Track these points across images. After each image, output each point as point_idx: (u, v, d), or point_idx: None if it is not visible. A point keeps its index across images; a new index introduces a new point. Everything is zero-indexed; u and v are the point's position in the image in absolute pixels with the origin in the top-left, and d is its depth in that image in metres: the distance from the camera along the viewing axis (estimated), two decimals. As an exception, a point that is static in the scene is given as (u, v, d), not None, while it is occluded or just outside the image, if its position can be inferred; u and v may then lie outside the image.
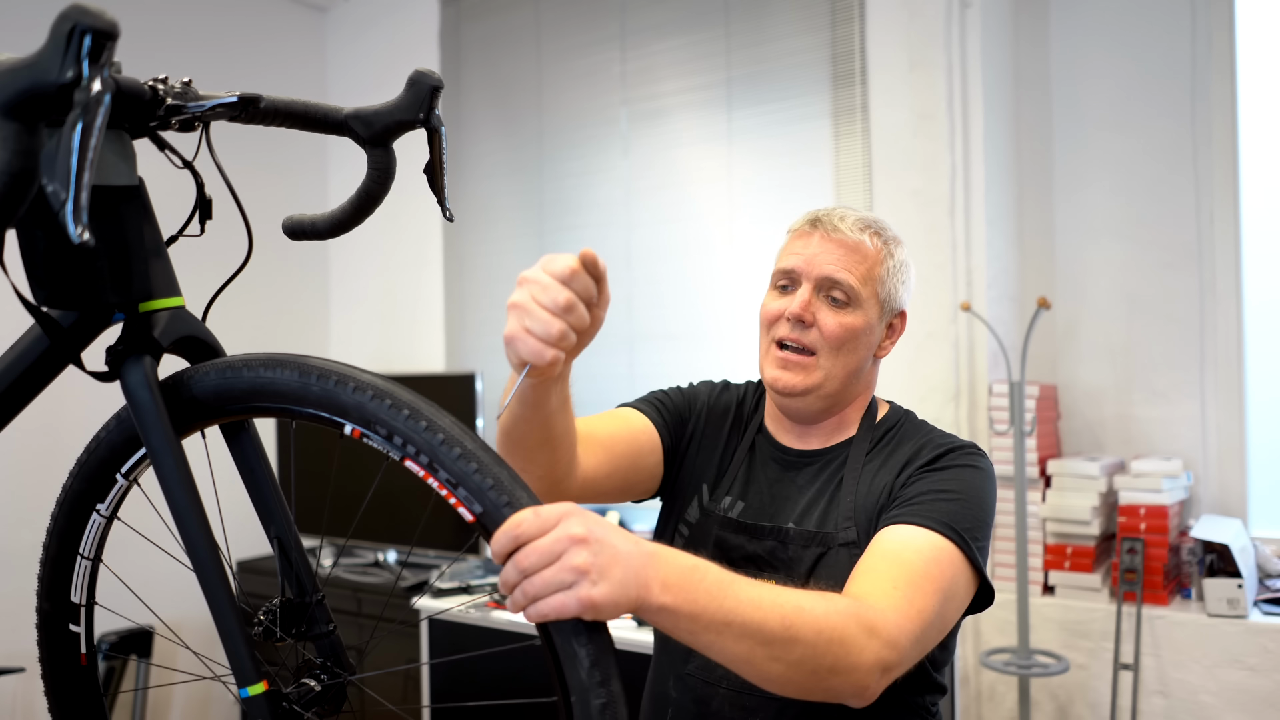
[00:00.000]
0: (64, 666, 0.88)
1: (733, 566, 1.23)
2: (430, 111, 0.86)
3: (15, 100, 0.58)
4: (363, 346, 3.89)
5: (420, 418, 0.72)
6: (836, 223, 1.27)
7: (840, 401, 1.29)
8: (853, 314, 1.24)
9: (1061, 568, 2.49)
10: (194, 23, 3.54)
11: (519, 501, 0.72)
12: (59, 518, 0.86)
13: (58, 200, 0.57)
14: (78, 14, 0.57)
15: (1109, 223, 2.73)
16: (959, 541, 1.10)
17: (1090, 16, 2.74)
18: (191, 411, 0.79)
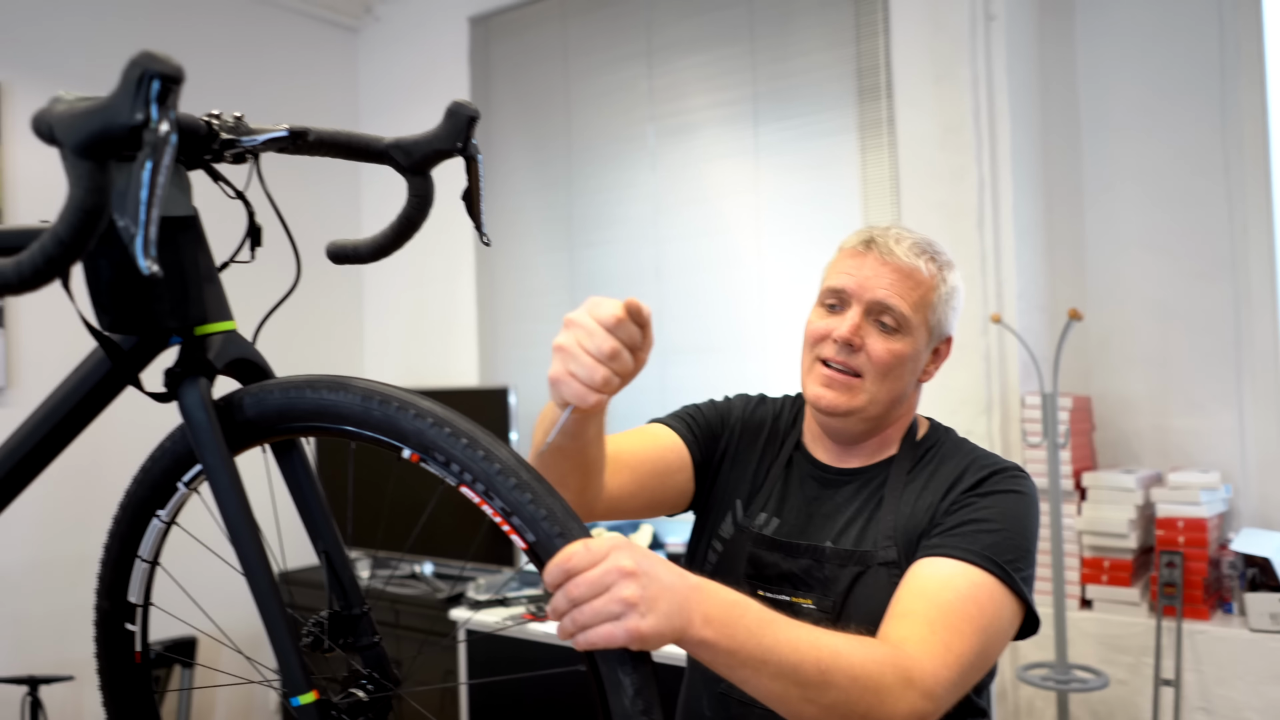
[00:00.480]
0: (119, 663, 0.92)
1: (768, 584, 1.24)
2: (468, 140, 0.89)
3: (89, 141, 0.62)
4: (396, 361, 3.94)
5: (478, 446, 0.75)
6: (892, 245, 1.24)
7: (882, 424, 1.28)
8: (902, 340, 1.23)
9: (1099, 581, 2.47)
10: (231, 44, 3.63)
11: (571, 532, 0.74)
12: (121, 521, 0.90)
13: (128, 234, 0.61)
14: (147, 60, 0.60)
15: (1140, 232, 2.72)
16: (1000, 574, 1.09)
17: (1116, 25, 2.73)
18: (252, 429, 0.83)
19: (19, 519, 2.90)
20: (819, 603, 1.20)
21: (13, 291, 0.64)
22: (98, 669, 0.92)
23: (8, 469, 0.84)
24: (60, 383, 0.85)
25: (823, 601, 1.20)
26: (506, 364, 3.62)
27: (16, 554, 2.97)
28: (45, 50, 3.11)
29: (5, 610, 2.96)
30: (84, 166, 0.63)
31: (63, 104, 0.67)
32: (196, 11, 3.54)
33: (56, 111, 0.65)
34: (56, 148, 0.65)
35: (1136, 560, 2.46)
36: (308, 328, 3.78)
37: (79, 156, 0.63)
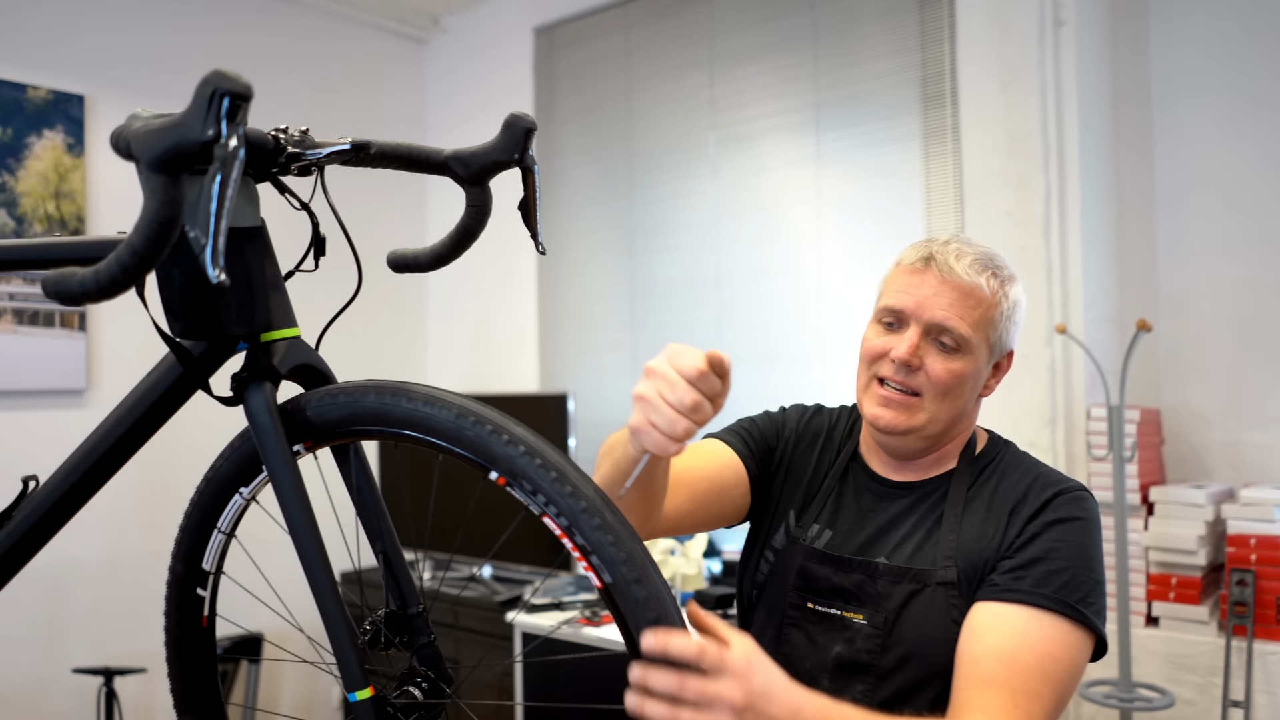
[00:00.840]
0: (187, 625, 0.95)
1: (818, 598, 1.24)
2: (525, 152, 0.91)
3: (163, 156, 0.65)
4: (459, 366, 4.01)
5: (566, 482, 0.76)
6: (952, 262, 1.21)
7: (941, 441, 1.27)
8: (961, 360, 1.21)
9: (1166, 598, 2.41)
10: (303, 57, 3.73)
11: (649, 578, 0.76)
12: (205, 493, 0.92)
13: (199, 245, 0.64)
14: (218, 79, 0.64)
15: (1214, 241, 2.64)
16: (1074, 615, 1.09)
17: (1192, 29, 2.67)
18: (330, 430, 0.85)
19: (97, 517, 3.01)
20: (870, 618, 1.20)
21: (91, 299, 0.68)
22: (165, 628, 0.96)
23: (86, 468, 0.88)
24: (134, 387, 0.89)
25: (874, 617, 1.19)
26: (567, 370, 3.66)
27: (95, 550, 3.09)
28: (126, 65, 3.24)
29: (83, 604, 3.08)
30: (158, 180, 0.66)
31: (139, 121, 0.71)
32: (270, 26, 3.65)
33: (133, 129, 0.69)
34: (133, 163, 0.68)
35: (1206, 578, 2.39)
36: (374, 333, 3.87)
37: (154, 171, 0.66)
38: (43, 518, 0.89)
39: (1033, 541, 1.15)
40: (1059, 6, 2.57)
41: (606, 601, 0.77)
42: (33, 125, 2.99)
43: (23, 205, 2.97)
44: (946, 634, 1.15)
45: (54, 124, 3.03)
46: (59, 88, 3.06)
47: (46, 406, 3.00)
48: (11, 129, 2.95)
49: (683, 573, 2.77)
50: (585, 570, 0.77)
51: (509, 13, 3.86)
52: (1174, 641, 2.38)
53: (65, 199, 3.06)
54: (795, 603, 1.26)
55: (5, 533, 0.90)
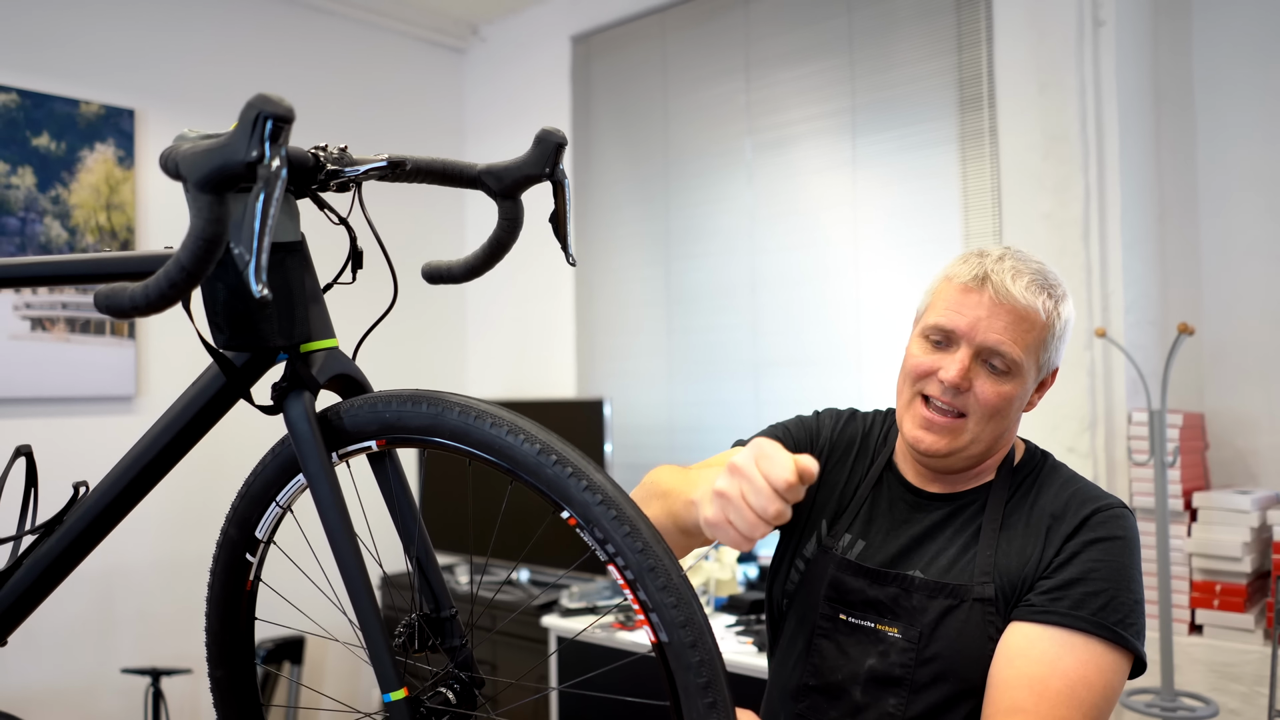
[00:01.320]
0: (232, 586, 0.98)
1: (851, 609, 1.23)
2: (555, 166, 0.92)
3: (210, 176, 0.68)
4: (498, 372, 4.05)
5: (638, 538, 0.77)
6: (1009, 283, 1.17)
7: (982, 459, 1.24)
8: (1011, 382, 1.18)
9: (1210, 606, 2.37)
10: (346, 68, 3.80)
11: (704, 643, 0.76)
12: (270, 465, 0.94)
13: (243, 261, 0.67)
14: (261, 103, 0.66)
15: (1259, 243, 2.60)
16: (1112, 637, 1.08)
17: (1236, 29, 2.63)
18: (407, 436, 0.87)
19: (146, 520, 3.09)
20: (905, 632, 1.18)
21: (140, 313, 0.71)
22: (209, 585, 0.98)
23: (133, 475, 0.92)
24: (179, 396, 0.92)
25: (909, 631, 1.18)
26: (604, 376, 3.68)
27: (144, 553, 3.17)
28: (174, 79, 3.32)
29: (132, 606, 3.16)
30: (205, 199, 0.69)
31: (186, 142, 0.74)
32: (314, 39, 3.72)
33: (181, 150, 0.72)
34: (180, 182, 0.72)
35: (1251, 585, 2.35)
36: (416, 340, 3.93)
37: (200, 190, 0.69)
38: (92, 522, 0.93)
39: (1071, 561, 1.13)
40: (1098, 7, 2.55)
41: (659, 656, 0.78)
42: (85, 139, 3.08)
43: (75, 217, 3.06)
44: (983, 651, 1.14)
45: (105, 137, 3.12)
46: (110, 102, 3.14)
47: (97, 413, 3.08)
48: (65, 143, 3.04)
49: (716, 578, 2.77)
50: (641, 624, 0.79)
51: (546, 21, 3.90)
52: (1218, 650, 2.34)
53: (116, 210, 3.14)
54: (827, 614, 1.25)
55: (56, 536, 0.93)
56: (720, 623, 2.64)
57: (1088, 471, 2.50)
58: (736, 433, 3.13)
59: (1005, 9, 2.68)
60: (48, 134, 3.01)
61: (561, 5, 3.84)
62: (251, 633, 1.01)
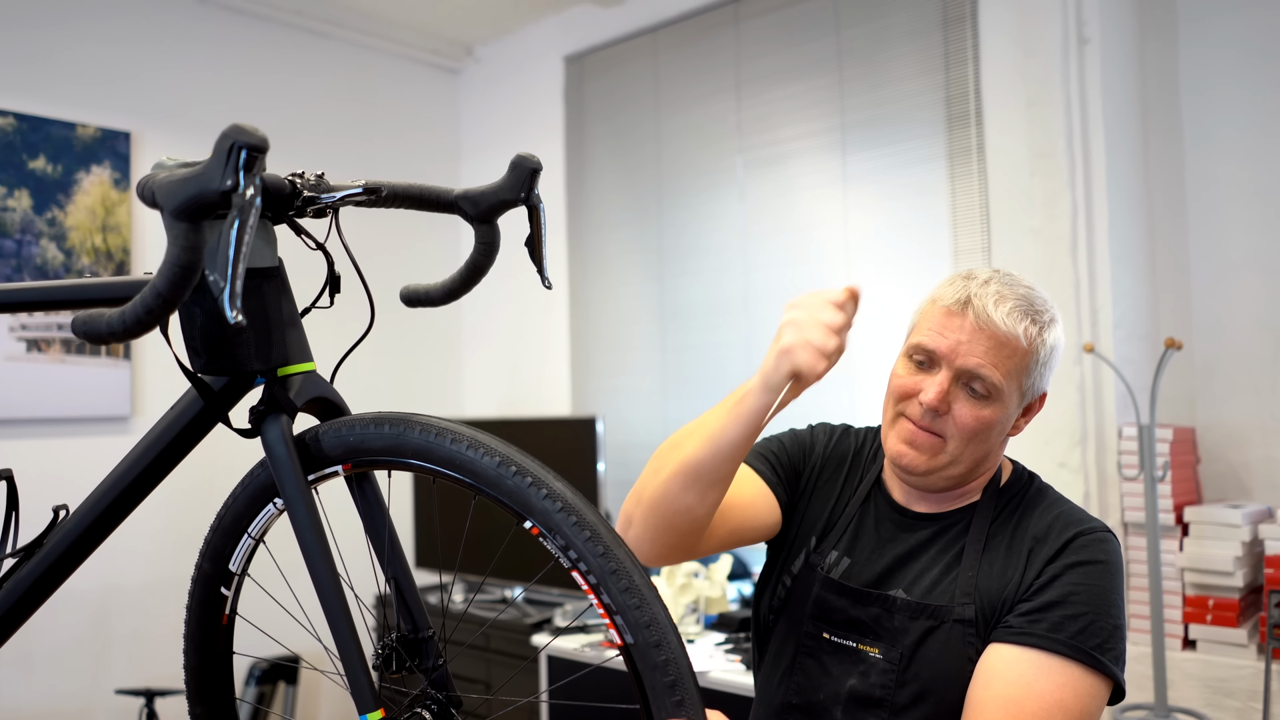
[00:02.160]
0: (208, 621, 0.98)
1: (834, 629, 1.24)
2: (531, 191, 0.94)
3: (185, 205, 0.69)
4: (493, 390, 4.06)
5: (599, 543, 0.79)
6: (990, 309, 1.17)
7: (965, 480, 1.25)
8: (991, 407, 1.18)
9: (1203, 621, 2.37)
10: (341, 89, 3.83)
11: (668, 643, 0.77)
12: (239, 497, 0.95)
13: (217, 288, 0.68)
14: (236, 133, 0.68)
15: (1249, 256, 2.61)
16: (1089, 661, 1.08)
17: (1221, 44, 2.65)
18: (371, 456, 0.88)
19: (140, 540, 3.10)
20: (886, 653, 1.19)
21: (118, 339, 0.72)
22: (185, 621, 0.99)
23: (112, 499, 0.93)
24: (158, 421, 0.93)
25: (890, 652, 1.19)
26: (598, 393, 3.69)
27: (139, 573, 3.17)
28: (170, 102, 3.35)
29: (127, 626, 3.16)
30: (180, 227, 0.70)
31: (164, 171, 0.75)
32: (309, 60, 3.75)
33: (158, 179, 0.73)
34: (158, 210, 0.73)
35: (1244, 599, 2.35)
36: (412, 359, 3.94)
37: (176, 218, 0.70)
38: (71, 545, 0.94)
39: (1051, 584, 1.13)
40: (1083, 24, 2.57)
41: (626, 660, 0.79)
42: (81, 161, 3.10)
43: (71, 238, 3.08)
44: (962, 671, 1.15)
45: (101, 160, 3.14)
46: (106, 125, 3.17)
47: (92, 433, 3.09)
48: (61, 165, 3.06)
49: (707, 595, 2.77)
50: (608, 628, 0.80)
51: (540, 42, 3.93)
52: (1212, 665, 2.34)
53: (112, 232, 3.16)
54: (811, 632, 1.26)
55: (35, 560, 0.94)
56: (709, 640, 2.64)
57: (1079, 487, 2.50)
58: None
59: (991, 27, 2.71)
60: (44, 157, 3.03)
61: (554, 26, 3.88)
62: (230, 668, 1.02)
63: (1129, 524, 2.47)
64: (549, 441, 3.25)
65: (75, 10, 3.15)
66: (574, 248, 3.79)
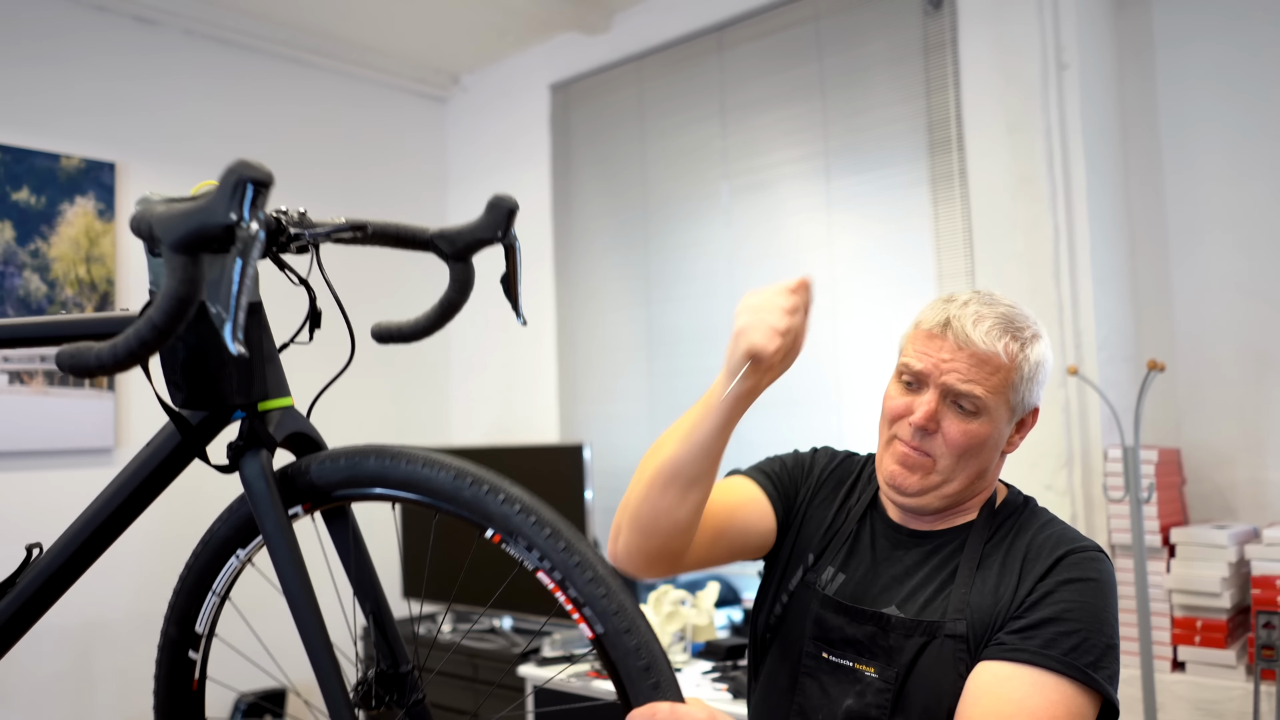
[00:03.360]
0: (177, 688, 0.97)
1: (832, 647, 1.24)
2: (507, 230, 0.95)
3: (186, 238, 0.69)
4: (482, 419, 4.05)
5: (560, 538, 0.79)
6: (969, 329, 1.19)
7: (961, 500, 1.26)
8: (979, 422, 1.20)
9: (1191, 643, 2.37)
10: (329, 119, 3.84)
11: (638, 629, 0.78)
12: (201, 555, 0.95)
13: (220, 320, 0.68)
14: (243, 168, 0.68)
15: (1231, 277, 2.63)
16: (1082, 679, 1.08)
17: (1199, 68, 2.68)
18: (331, 491, 0.88)
19: (123, 574, 3.07)
20: (882, 672, 1.19)
21: (108, 371, 0.72)
22: (154, 692, 0.98)
23: (86, 536, 0.92)
24: (134, 456, 0.92)
25: (886, 671, 1.19)
26: (586, 419, 3.68)
27: (123, 608, 3.13)
28: (155, 133, 3.35)
29: (110, 662, 3.12)
30: (179, 260, 0.70)
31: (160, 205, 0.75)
32: (295, 90, 3.76)
33: (156, 213, 0.73)
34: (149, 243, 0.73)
35: (1232, 620, 2.35)
36: (401, 388, 3.94)
37: (175, 251, 0.70)
38: (45, 584, 0.93)
39: (1044, 601, 1.13)
40: (1061, 50, 2.60)
41: (599, 652, 0.79)
42: (65, 193, 3.10)
43: (55, 270, 3.07)
44: (954, 688, 1.14)
45: (85, 191, 3.14)
46: (91, 156, 3.17)
47: (77, 465, 3.07)
48: (45, 197, 3.06)
49: (694, 624, 2.76)
50: (578, 622, 0.80)
51: (526, 70, 3.96)
52: (1201, 687, 2.33)
53: (96, 263, 3.15)
54: (812, 652, 1.26)
55: (8, 600, 0.93)
56: (696, 669, 2.62)
57: (1066, 509, 2.50)
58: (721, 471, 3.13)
59: (972, 54, 2.74)
60: (28, 188, 3.03)
61: (540, 54, 3.90)
62: None
63: (1116, 546, 2.48)
64: (537, 469, 3.24)
65: (60, 41, 3.16)
66: (561, 274, 3.80)
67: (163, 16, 3.36)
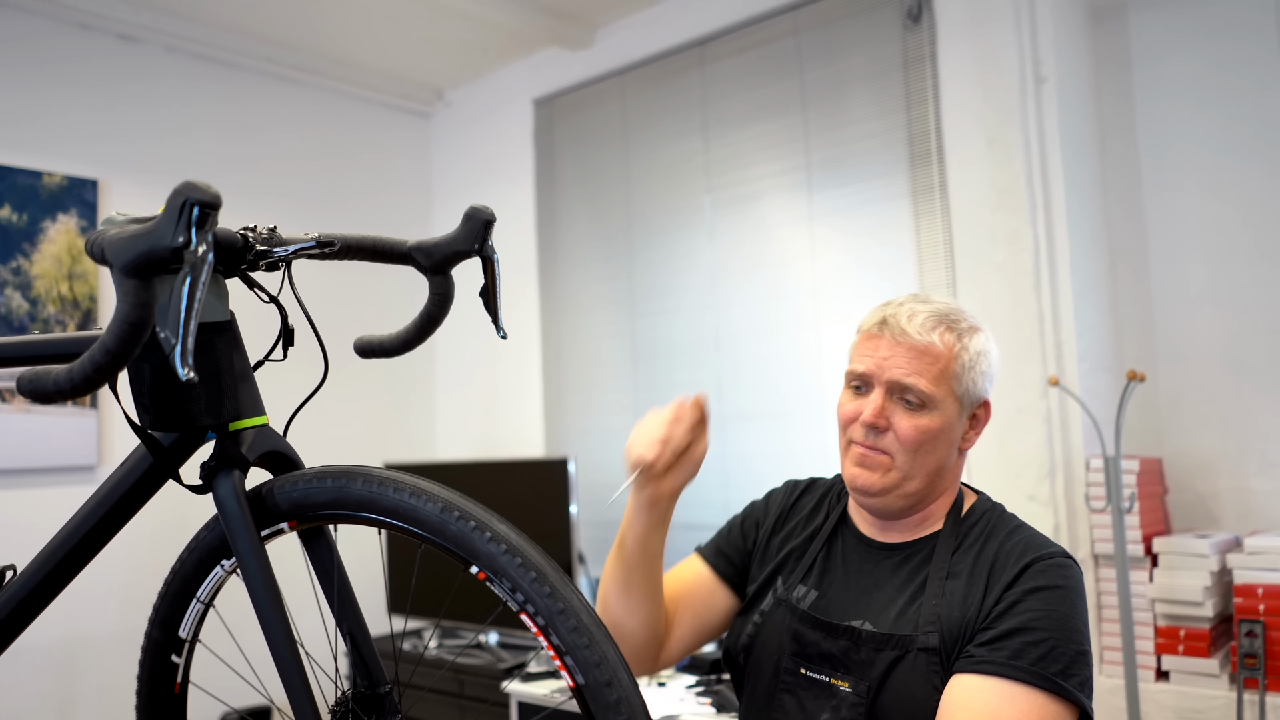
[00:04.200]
0: (159, 691, 0.97)
1: (809, 663, 1.25)
2: (485, 242, 0.94)
3: (136, 261, 0.69)
4: (467, 433, 4.04)
5: (545, 583, 0.78)
6: (904, 325, 1.24)
7: (924, 499, 1.27)
8: (928, 415, 1.22)
9: (1175, 652, 2.38)
10: (313, 135, 3.84)
11: (619, 681, 0.77)
12: (186, 561, 0.95)
13: (169, 345, 0.67)
14: (188, 190, 0.68)
15: (1210, 287, 2.66)
16: (1053, 688, 1.08)
17: (1175, 81, 2.71)
18: (316, 512, 0.88)
19: (108, 592, 3.04)
20: (855, 686, 1.19)
21: (66, 397, 0.72)
22: (137, 693, 0.97)
23: (60, 558, 0.92)
24: (107, 477, 0.92)
25: (859, 685, 1.19)
26: (571, 433, 3.68)
27: (106, 626, 3.11)
28: (138, 149, 3.35)
29: (94, 681, 3.09)
30: (130, 284, 0.70)
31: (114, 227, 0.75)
32: (278, 106, 3.76)
33: (108, 236, 0.73)
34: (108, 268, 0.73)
35: (1215, 629, 2.36)
36: (386, 403, 3.92)
37: (126, 275, 0.70)
38: (17, 607, 0.92)
39: (1010, 610, 1.14)
40: (1039, 64, 2.63)
41: (579, 701, 0.79)
42: (47, 210, 3.09)
43: (37, 287, 3.05)
44: (929, 701, 1.15)
45: (68, 208, 3.13)
46: (73, 173, 3.16)
47: (59, 483, 3.05)
48: (27, 214, 3.05)
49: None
50: (560, 669, 0.79)
51: (509, 85, 3.97)
52: (1185, 696, 2.34)
53: (78, 280, 3.14)
54: (790, 668, 1.26)
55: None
56: (680, 683, 2.61)
57: (1049, 520, 2.51)
58: (705, 488, 3.13)
59: (951, 68, 2.76)
60: (9, 206, 3.01)
61: (523, 69, 3.92)
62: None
63: (1099, 555, 2.49)
64: (522, 483, 3.23)
65: (42, 59, 3.16)
66: (546, 288, 3.80)
67: (145, 34, 3.36)
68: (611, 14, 3.55)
